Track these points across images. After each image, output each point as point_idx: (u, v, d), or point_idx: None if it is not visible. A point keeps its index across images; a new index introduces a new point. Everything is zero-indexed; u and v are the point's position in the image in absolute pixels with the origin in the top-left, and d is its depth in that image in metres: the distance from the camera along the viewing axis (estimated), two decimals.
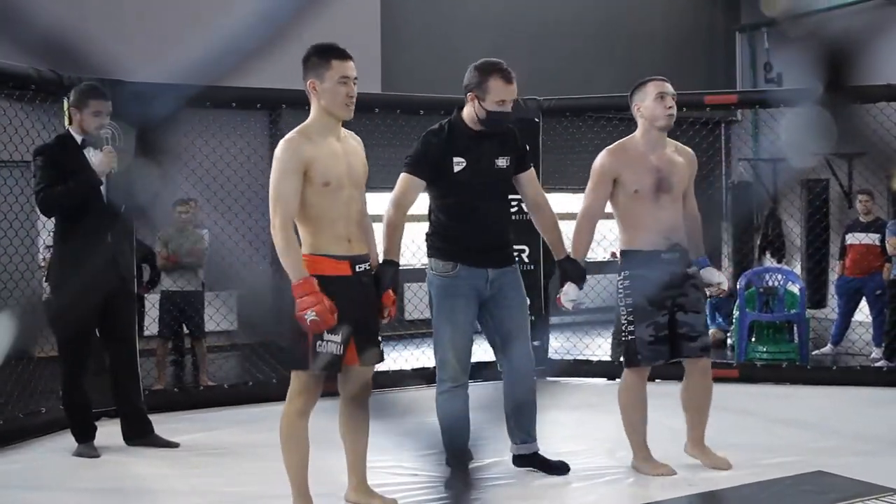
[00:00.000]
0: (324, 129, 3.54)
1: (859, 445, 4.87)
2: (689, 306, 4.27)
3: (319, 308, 3.33)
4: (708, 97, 7.25)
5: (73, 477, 4.51)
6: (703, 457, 4.42)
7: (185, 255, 7.04)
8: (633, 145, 4.30)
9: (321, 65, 3.50)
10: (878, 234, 7.98)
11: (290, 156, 3.44)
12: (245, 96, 6.31)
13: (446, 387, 4.04)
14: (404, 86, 10.07)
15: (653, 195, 4.21)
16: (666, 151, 4.30)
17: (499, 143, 4.07)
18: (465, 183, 3.97)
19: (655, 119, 4.23)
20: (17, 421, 5.30)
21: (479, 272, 4.02)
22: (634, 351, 4.23)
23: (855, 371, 7.03)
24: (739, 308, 8.07)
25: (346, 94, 3.50)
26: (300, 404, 3.53)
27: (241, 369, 7.91)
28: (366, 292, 3.61)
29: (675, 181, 4.26)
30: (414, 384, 6.74)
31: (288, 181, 3.43)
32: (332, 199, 3.50)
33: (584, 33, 11.80)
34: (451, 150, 3.98)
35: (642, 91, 4.28)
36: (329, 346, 3.45)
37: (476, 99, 3.97)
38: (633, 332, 4.21)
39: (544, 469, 4.25)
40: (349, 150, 3.62)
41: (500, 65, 3.97)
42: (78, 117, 4.78)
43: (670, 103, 4.21)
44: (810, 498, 3.90)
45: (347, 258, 3.54)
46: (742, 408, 5.92)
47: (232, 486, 4.26)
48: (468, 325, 4.05)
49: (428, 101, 7.16)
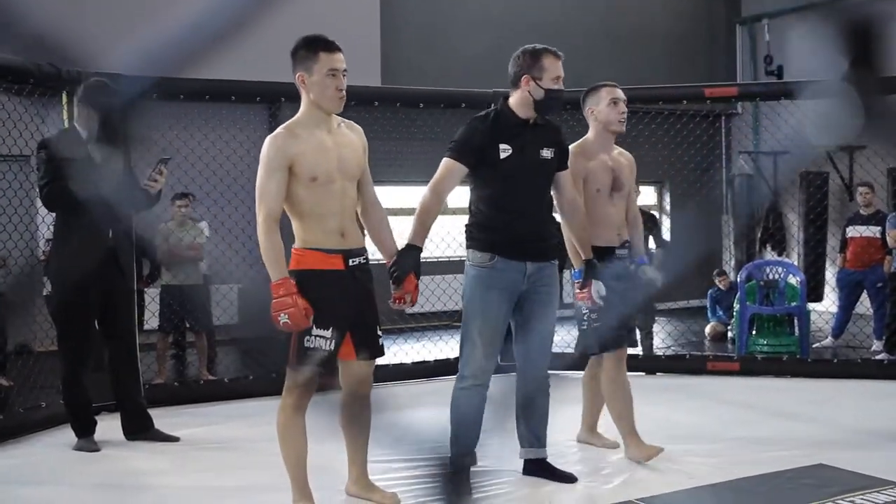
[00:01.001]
0: (312, 123, 3.49)
1: (860, 438, 4.87)
2: (630, 300, 4.46)
3: (293, 311, 3.31)
4: (708, 90, 7.25)
5: (73, 471, 4.51)
6: (594, 440, 4.70)
7: (186, 249, 7.03)
8: (589, 146, 4.48)
9: (309, 57, 3.45)
10: (878, 227, 7.97)
11: (275, 153, 3.41)
12: (244, 90, 6.30)
13: (467, 383, 3.93)
14: (404, 79, 10.05)
15: (609, 194, 4.45)
16: (614, 154, 4.54)
17: (544, 134, 4.01)
18: (510, 171, 3.88)
19: (610, 123, 4.43)
20: (17, 416, 5.30)
21: (517, 265, 3.91)
22: (599, 338, 4.40)
23: (856, 364, 7.03)
24: (740, 301, 8.06)
25: (336, 86, 3.45)
26: (293, 399, 3.51)
27: (241, 363, 7.90)
28: (361, 286, 3.56)
29: (624, 181, 4.51)
30: (414, 378, 6.75)
31: (272, 178, 3.40)
32: (321, 193, 3.46)
33: (585, 26, 11.78)
34: (498, 137, 3.89)
35: (596, 96, 4.47)
36: (318, 342, 3.43)
37: (532, 80, 3.89)
38: (598, 320, 4.36)
39: (551, 478, 4.15)
40: (342, 142, 3.55)
41: (547, 46, 3.96)
42: (86, 113, 4.77)
43: (623, 109, 4.43)
44: (811, 491, 3.90)
45: (340, 252, 3.49)
46: (743, 401, 5.93)
47: (232, 480, 4.26)
48: (500, 322, 3.93)
49: (428, 94, 7.13)
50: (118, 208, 4.92)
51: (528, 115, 3.96)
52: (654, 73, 10.93)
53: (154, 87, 5.01)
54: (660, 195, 12.81)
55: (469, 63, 10.33)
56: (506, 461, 4.27)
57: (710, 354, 7.70)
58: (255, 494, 4.03)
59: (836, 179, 10.95)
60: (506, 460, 4.27)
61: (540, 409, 4.13)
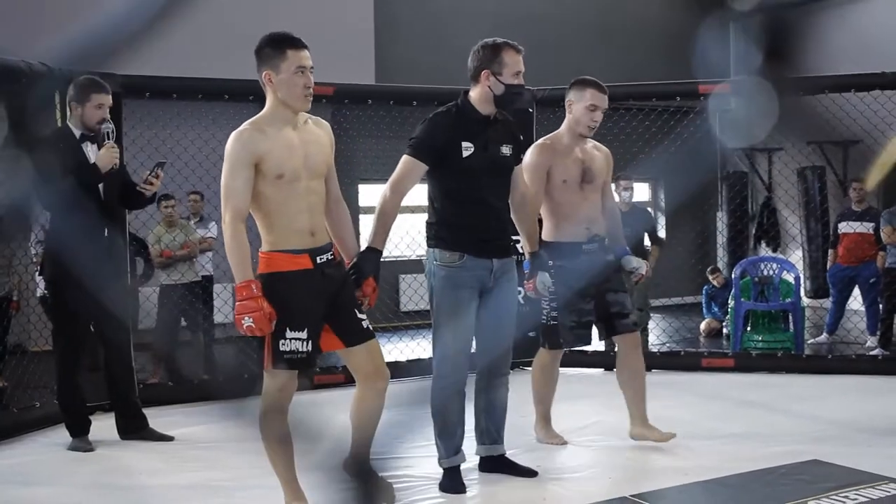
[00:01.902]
0: (278, 120, 3.42)
1: (854, 434, 4.87)
2: (616, 287, 4.56)
3: (257, 315, 3.25)
4: (702, 86, 7.24)
5: (67, 471, 4.50)
6: (649, 433, 4.56)
7: (179, 249, 7.04)
8: (559, 139, 4.52)
9: (275, 55, 3.39)
10: (871, 223, 7.98)
11: (240, 148, 3.33)
12: (237, 88, 6.29)
13: (444, 383, 3.91)
14: (398, 77, 10.04)
15: (578, 185, 4.46)
16: (587, 146, 4.56)
17: (504, 130, 3.98)
18: (473, 168, 3.84)
19: (578, 124, 4.46)
20: (12, 416, 5.29)
21: (485, 262, 3.90)
22: (557, 335, 4.52)
23: (850, 360, 7.04)
24: (735, 297, 8.08)
25: (304, 84, 3.40)
26: (272, 402, 3.43)
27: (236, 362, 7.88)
28: (332, 283, 3.50)
29: (596, 172, 4.52)
30: (410, 376, 6.74)
31: (238, 175, 3.33)
32: (287, 191, 3.39)
33: (580, 23, 11.78)
34: (460, 134, 3.85)
35: (580, 92, 4.46)
36: (293, 345, 3.37)
37: (492, 75, 3.85)
38: (556, 318, 4.49)
39: (512, 473, 4.15)
40: (308, 139, 3.48)
41: (507, 40, 3.91)
42: (79, 111, 4.75)
43: (598, 118, 4.45)
44: (805, 487, 3.90)
45: (306, 251, 3.43)
46: (737, 397, 5.93)
47: (226, 479, 4.25)
48: (471, 319, 3.91)
49: (422, 92, 7.13)
50: (114, 206, 4.92)
51: (488, 111, 3.92)
52: (647, 69, 10.92)
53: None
54: (654, 192, 12.82)
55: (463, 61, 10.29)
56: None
57: (705, 351, 7.70)
58: (250, 493, 4.02)
59: (830, 176, 10.97)
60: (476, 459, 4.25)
61: (501, 405, 4.13)
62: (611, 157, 4.66)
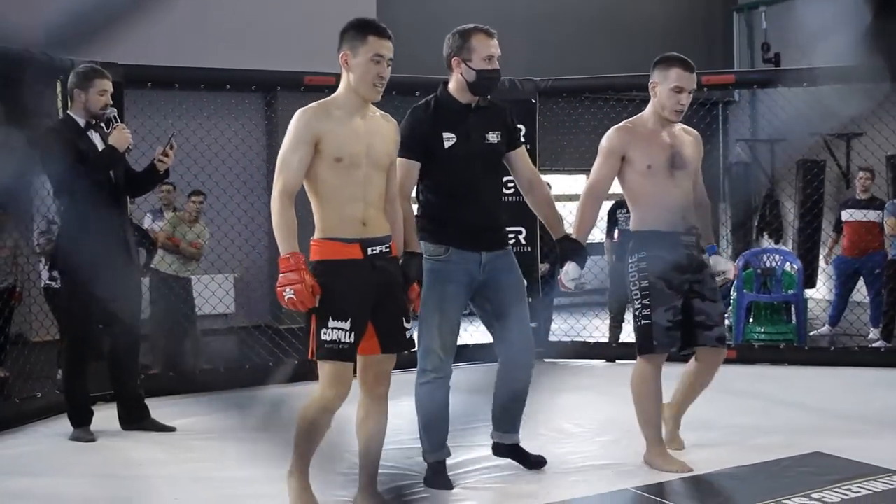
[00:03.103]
0: (348, 105, 3.37)
1: (857, 426, 4.86)
2: (706, 294, 4.12)
3: (298, 288, 3.17)
4: (705, 77, 7.19)
5: (69, 461, 4.50)
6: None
7: (187, 245, 7.03)
8: (642, 122, 4.18)
9: (357, 38, 3.35)
10: (876, 212, 7.93)
11: (303, 126, 3.29)
12: (240, 78, 6.27)
13: (429, 377, 3.85)
14: (400, 67, 9.98)
15: (667, 171, 4.08)
16: (675, 129, 4.20)
17: (488, 117, 3.90)
18: (456, 159, 3.78)
19: (664, 108, 4.10)
20: (13, 406, 5.29)
21: (472, 256, 3.83)
22: (650, 336, 4.02)
23: (853, 352, 7.03)
24: (737, 289, 8.06)
25: (377, 73, 3.35)
26: (328, 395, 3.32)
27: (238, 353, 7.89)
28: (382, 276, 3.40)
29: (687, 158, 4.15)
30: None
31: (296, 152, 3.28)
32: (344, 176, 3.32)
33: (582, 14, 11.74)
34: (440, 125, 3.79)
35: (664, 73, 4.12)
36: (335, 334, 3.28)
37: (462, 63, 3.79)
38: (650, 317, 4.02)
39: (522, 462, 4.12)
40: (373, 130, 3.42)
41: (477, 25, 3.83)
42: (83, 98, 4.74)
43: (684, 100, 4.08)
44: (808, 479, 3.89)
45: (358, 241, 3.35)
46: (740, 389, 5.92)
47: (228, 470, 4.25)
48: (457, 314, 3.85)
49: (424, 82, 7.09)
50: (122, 195, 4.91)
51: (468, 99, 3.85)
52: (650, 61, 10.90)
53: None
54: None
55: None
56: (483, 452, 4.25)
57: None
58: (251, 484, 4.01)
59: (833, 167, 10.94)
60: (483, 451, 4.25)
61: (521, 397, 4.06)
62: (701, 141, 4.30)
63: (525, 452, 4.16)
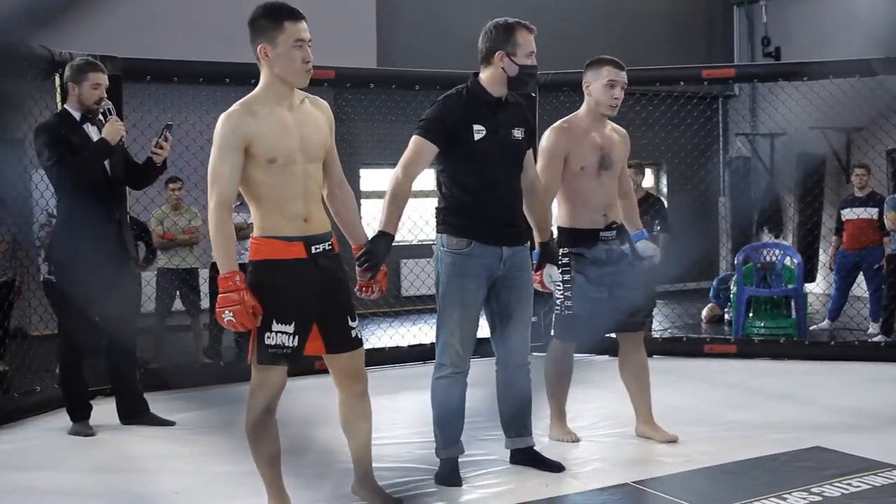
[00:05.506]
0: (272, 99, 3.22)
1: (857, 421, 4.86)
2: (626, 283, 4.37)
3: (238, 309, 3.07)
4: (706, 71, 7.21)
5: (68, 456, 4.50)
6: (653, 433, 4.46)
7: (181, 234, 7.02)
8: (577, 122, 4.37)
9: (272, 27, 3.16)
10: (875, 209, 7.95)
11: (229, 132, 3.14)
12: (238, 72, 6.24)
13: (446, 372, 3.82)
14: (399, 61, 9.99)
15: (596, 172, 4.31)
16: (606, 130, 4.39)
17: (515, 113, 3.89)
18: (485, 153, 3.73)
19: (600, 105, 4.31)
20: (13, 400, 5.29)
21: (494, 250, 3.79)
22: (570, 326, 4.36)
23: (852, 346, 7.03)
24: (737, 283, 8.06)
25: (303, 58, 3.19)
26: (261, 399, 3.24)
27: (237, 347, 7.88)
28: (326, 275, 3.30)
29: (615, 158, 4.36)
30: (410, 361, 6.73)
31: (225, 160, 3.14)
32: (281, 175, 3.19)
33: (583, 7, 11.71)
34: (471, 117, 3.73)
35: (596, 71, 4.32)
36: (279, 339, 3.18)
37: (507, 56, 3.74)
38: (571, 308, 4.33)
39: (539, 466, 4.07)
40: (304, 120, 3.28)
41: (519, 20, 3.81)
42: (76, 91, 4.73)
43: (618, 94, 4.28)
44: (808, 473, 3.89)
45: (301, 239, 3.23)
46: (740, 383, 5.92)
47: (227, 464, 4.23)
48: (476, 309, 3.83)
49: (424, 76, 7.10)
50: (119, 188, 4.89)
51: (500, 93, 3.82)
52: (651, 55, 10.86)
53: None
54: (657, 177, 12.78)
55: (466, 44, 10.20)
56: (494, 450, 4.23)
57: (708, 337, 7.69)
58: (250, 478, 3.99)
59: (832, 161, 10.93)
60: (494, 449, 4.23)
61: (523, 397, 4.02)
62: (628, 140, 4.49)
63: (543, 457, 4.11)
